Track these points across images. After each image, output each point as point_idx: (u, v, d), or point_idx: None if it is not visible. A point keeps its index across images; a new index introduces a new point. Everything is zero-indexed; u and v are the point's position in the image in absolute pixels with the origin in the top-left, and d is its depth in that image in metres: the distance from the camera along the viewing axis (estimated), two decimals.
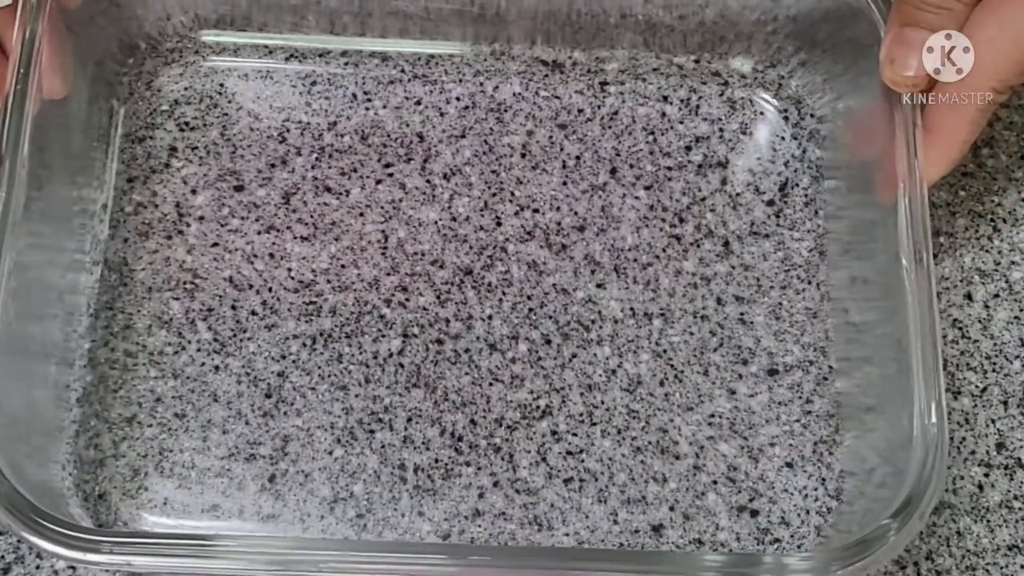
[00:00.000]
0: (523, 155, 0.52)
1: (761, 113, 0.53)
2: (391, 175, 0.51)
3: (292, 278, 0.49)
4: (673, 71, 0.54)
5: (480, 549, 0.45)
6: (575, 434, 0.48)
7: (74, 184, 0.47)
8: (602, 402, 0.48)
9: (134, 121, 0.51)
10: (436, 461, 0.47)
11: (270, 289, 0.49)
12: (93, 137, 0.49)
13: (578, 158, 0.52)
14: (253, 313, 0.49)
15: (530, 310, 0.49)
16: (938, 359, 0.43)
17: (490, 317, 0.49)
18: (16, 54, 0.44)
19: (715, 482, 0.47)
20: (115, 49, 0.51)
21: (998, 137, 0.53)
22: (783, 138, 0.53)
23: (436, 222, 0.50)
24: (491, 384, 0.48)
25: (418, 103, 0.52)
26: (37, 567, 0.45)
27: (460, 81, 0.53)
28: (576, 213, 0.51)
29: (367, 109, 0.52)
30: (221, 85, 0.52)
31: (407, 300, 0.49)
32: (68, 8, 0.46)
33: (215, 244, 0.50)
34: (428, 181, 0.51)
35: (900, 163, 0.45)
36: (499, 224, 0.51)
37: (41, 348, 0.46)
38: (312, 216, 0.50)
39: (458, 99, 0.52)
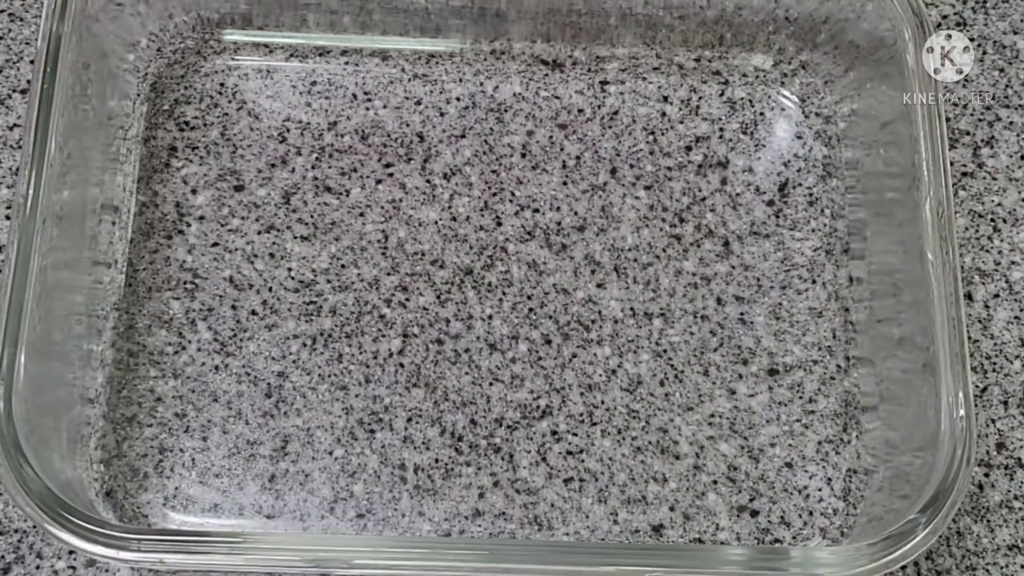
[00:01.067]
0: (523, 155, 0.52)
1: (761, 113, 0.53)
2: (391, 175, 0.51)
3: (292, 278, 0.49)
4: (673, 71, 0.54)
5: (517, 544, 0.45)
6: (575, 434, 0.48)
7: (78, 184, 0.47)
8: (602, 402, 0.48)
9: (135, 121, 0.51)
10: (436, 461, 0.47)
11: (270, 289, 0.49)
12: (94, 136, 0.49)
13: (578, 158, 0.52)
14: (253, 313, 0.49)
15: (530, 310, 0.49)
16: (965, 354, 0.43)
17: (490, 317, 0.49)
18: (42, 55, 0.45)
19: (715, 482, 0.47)
20: (117, 48, 0.51)
21: (998, 137, 0.53)
22: (783, 138, 0.53)
23: (436, 222, 0.50)
24: (491, 384, 0.48)
25: (418, 103, 0.52)
26: (37, 567, 0.45)
27: (460, 81, 0.53)
28: (576, 213, 0.51)
29: (367, 109, 0.52)
30: (221, 85, 0.52)
31: (407, 300, 0.49)
32: None
33: (215, 244, 0.50)
34: (428, 181, 0.51)
35: (924, 159, 0.45)
36: (499, 224, 0.51)
37: (61, 350, 0.46)
38: (312, 216, 0.50)
39: (458, 99, 0.52)
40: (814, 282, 0.50)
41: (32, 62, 0.51)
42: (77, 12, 0.46)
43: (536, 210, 0.51)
